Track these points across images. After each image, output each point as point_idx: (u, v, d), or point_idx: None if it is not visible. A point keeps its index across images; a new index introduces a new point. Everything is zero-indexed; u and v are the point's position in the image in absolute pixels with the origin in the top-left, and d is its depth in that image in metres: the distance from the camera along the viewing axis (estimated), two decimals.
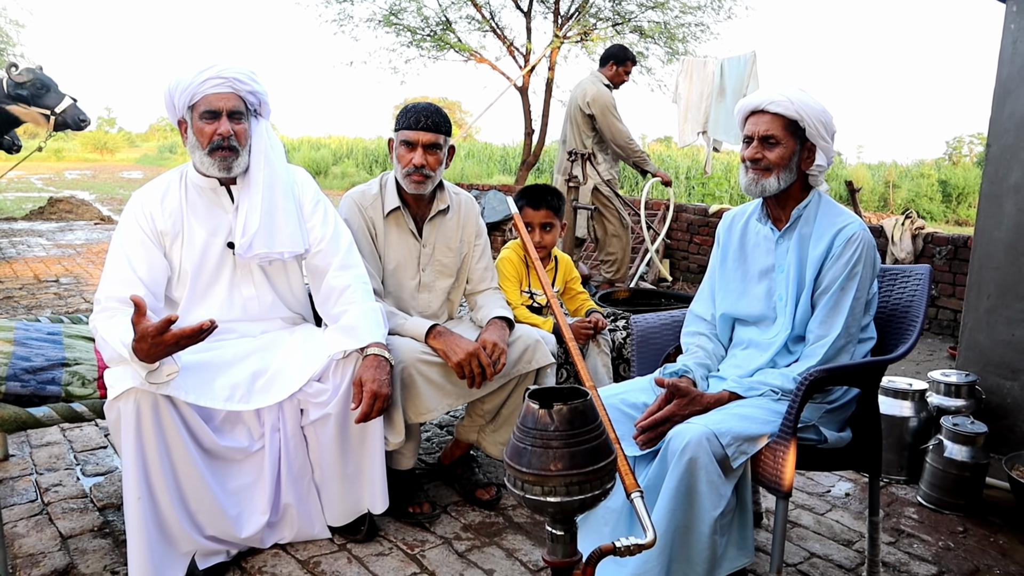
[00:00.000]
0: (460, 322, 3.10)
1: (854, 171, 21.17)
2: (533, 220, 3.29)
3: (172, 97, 2.52)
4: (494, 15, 15.07)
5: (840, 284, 2.25)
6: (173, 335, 2.07)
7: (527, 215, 3.29)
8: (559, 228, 3.35)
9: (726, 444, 2.04)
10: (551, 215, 3.29)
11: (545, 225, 3.29)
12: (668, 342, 2.73)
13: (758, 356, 2.41)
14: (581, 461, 1.47)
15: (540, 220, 3.29)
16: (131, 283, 2.40)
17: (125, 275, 2.42)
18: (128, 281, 2.41)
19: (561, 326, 2.42)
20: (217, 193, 2.60)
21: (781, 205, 2.40)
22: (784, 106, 2.27)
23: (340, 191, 20.48)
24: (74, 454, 3.37)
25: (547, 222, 3.29)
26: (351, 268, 2.67)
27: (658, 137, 52.28)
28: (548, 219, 3.28)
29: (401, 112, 2.86)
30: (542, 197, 3.30)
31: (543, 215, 3.28)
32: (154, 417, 2.22)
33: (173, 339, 2.08)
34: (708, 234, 8.09)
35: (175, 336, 2.07)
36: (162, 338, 2.07)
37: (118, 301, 2.36)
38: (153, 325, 2.05)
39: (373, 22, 15.28)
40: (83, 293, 6.73)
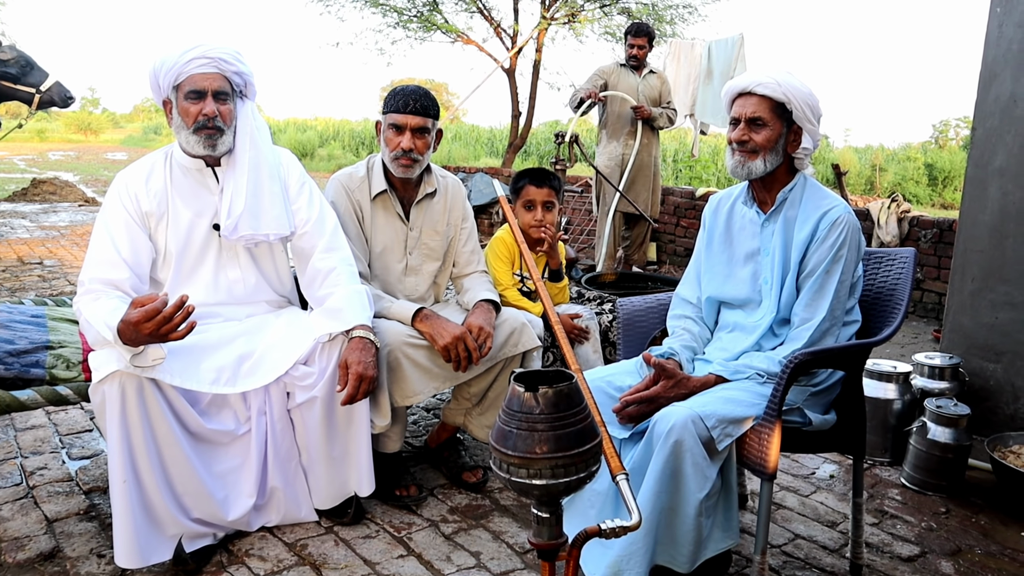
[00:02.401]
0: (446, 305, 3.10)
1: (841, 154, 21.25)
2: (536, 198, 3.26)
3: (157, 77, 2.50)
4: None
5: (825, 267, 2.26)
6: (159, 318, 2.07)
7: (529, 193, 3.26)
8: (558, 210, 3.34)
9: (711, 427, 2.05)
10: (553, 194, 3.26)
11: (547, 204, 3.26)
12: (654, 325, 2.73)
13: (743, 339, 2.41)
14: (566, 444, 1.47)
15: (543, 198, 3.25)
16: (115, 265, 2.40)
17: (109, 256, 2.41)
18: (112, 263, 2.40)
19: (548, 311, 2.42)
20: (203, 174, 2.58)
21: (767, 188, 2.40)
22: (771, 88, 2.27)
23: (326, 173, 20.39)
24: (59, 437, 3.36)
25: (549, 200, 3.26)
26: (336, 250, 2.67)
27: None
28: (550, 197, 3.26)
29: (389, 95, 2.85)
30: (544, 176, 3.28)
31: (546, 193, 3.25)
32: (139, 400, 2.21)
33: (155, 326, 2.07)
34: (695, 217, 8.09)
35: (160, 320, 2.07)
36: (154, 322, 2.06)
37: (102, 283, 2.35)
38: (167, 311, 2.07)
39: (359, 2, 15.16)
40: (67, 276, 6.69)
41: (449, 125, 26.44)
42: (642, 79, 6.52)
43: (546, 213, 3.26)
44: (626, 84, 6.48)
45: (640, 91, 6.46)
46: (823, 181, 15.40)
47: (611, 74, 6.54)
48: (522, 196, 3.27)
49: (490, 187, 9.75)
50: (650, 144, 6.60)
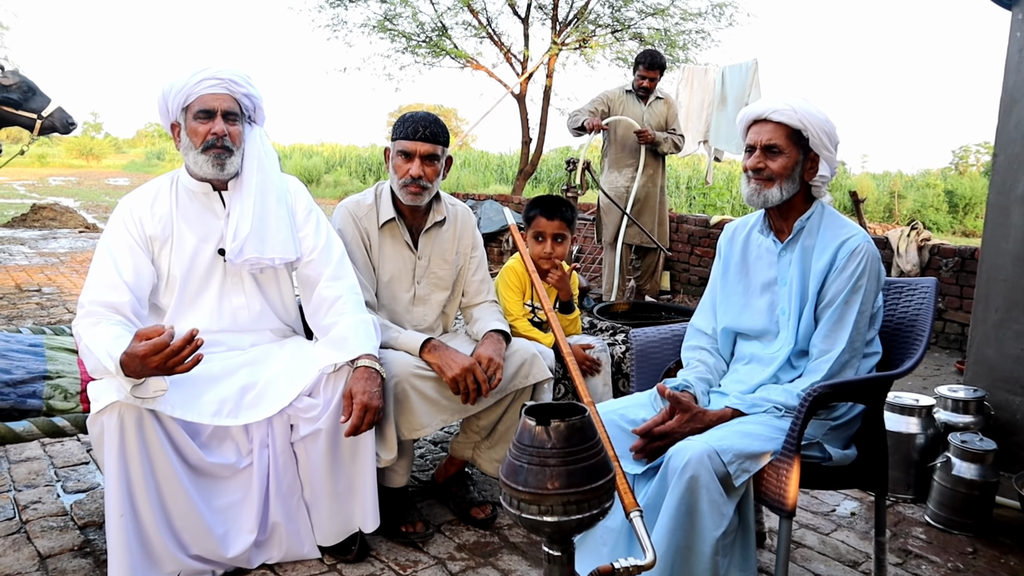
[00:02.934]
0: (455, 336, 3.10)
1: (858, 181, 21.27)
2: (546, 230, 3.21)
3: (166, 100, 2.55)
4: (491, 21, 15.12)
5: (844, 297, 2.26)
6: (168, 353, 2.08)
7: (539, 224, 3.23)
8: (570, 241, 3.31)
9: (728, 462, 2.03)
10: (564, 226, 3.23)
11: (557, 236, 3.22)
12: (668, 357, 2.73)
13: (760, 371, 2.41)
14: (579, 479, 1.46)
15: (553, 231, 3.21)
16: (117, 287, 2.42)
17: (111, 279, 2.43)
18: (114, 285, 2.42)
19: (559, 342, 2.42)
20: (209, 198, 2.61)
21: (784, 216, 2.41)
22: (787, 115, 2.27)
23: (333, 200, 20.49)
24: (55, 470, 3.36)
25: (560, 233, 3.22)
26: (343, 279, 2.67)
27: None
28: (561, 230, 3.22)
29: (398, 121, 2.87)
30: (556, 207, 3.24)
31: (556, 225, 3.21)
32: (138, 432, 2.21)
33: (163, 359, 2.09)
34: (709, 246, 8.10)
35: (168, 353, 2.08)
36: (161, 355, 2.08)
37: (103, 306, 2.37)
38: (175, 344, 2.08)
39: (367, 27, 15.31)
40: (66, 303, 6.72)
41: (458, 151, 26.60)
42: (648, 107, 6.43)
43: (556, 246, 3.22)
44: (631, 112, 6.39)
45: (646, 120, 6.38)
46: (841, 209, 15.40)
47: (616, 100, 6.45)
48: (533, 227, 3.25)
49: (500, 215, 9.79)
50: (656, 174, 6.51)
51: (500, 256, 9.59)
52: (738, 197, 16.36)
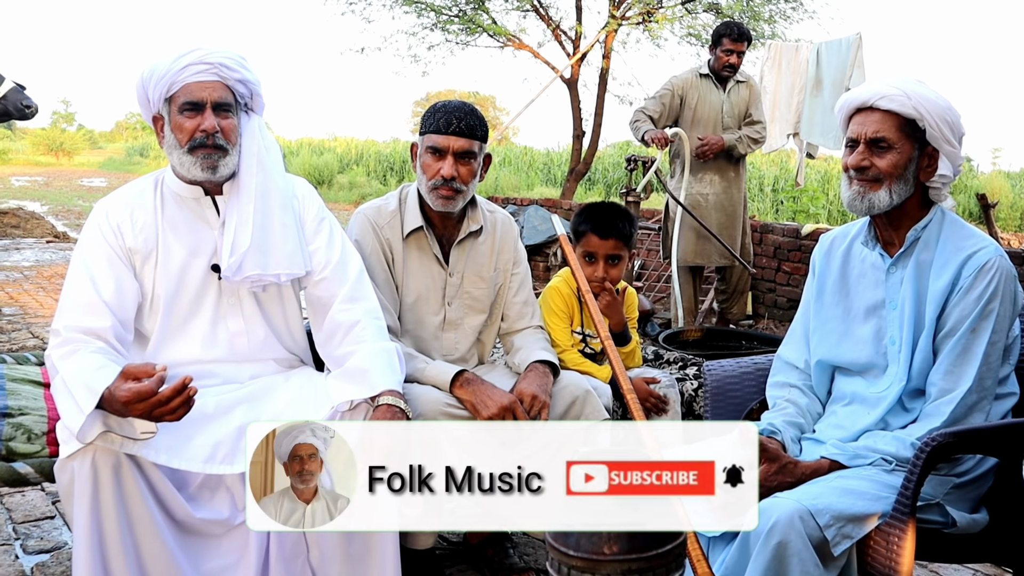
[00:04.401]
0: (493, 367, 3.11)
1: (988, 181, 20.95)
2: (598, 250, 3.17)
3: (146, 88, 2.55)
4: None
5: (970, 325, 2.23)
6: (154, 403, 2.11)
7: (590, 243, 3.18)
8: (627, 261, 3.28)
9: (824, 525, 2.01)
10: (620, 246, 3.18)
11: (612, 258, 3.17)
12: (750, 395, 2.71)
13: (865, 414, 2.39)
14: (642, 543, 1.46)
15: (607, 251, 3.17)
16: (96, 310, 2.42)
17: (89, 300, 2.43)
18: (92, 307, 2.42)
19: (618, 376, 2.41)
20: (200, 204, 2.63)
21: (894, 225, 2.39)
22: (899, 101, 2.26)
23: (348, 205, 20.69)
24: (13, 525, 3.40)
25: (615, 254, 3.17)
26: (361, 301, 2.68)
27: None
28: (617, 250, 3.17)
29: (428, 112, 2.89)
30: (611, 221, 3.17)
31: (611, 246, 3.16)
32: (115, 481, 2.23)
33: (148, 407, 2.10)
34: (800, 260, 8.03)
35: (153, 403, 2.10)
36: (146, 403, 2.10)
37: (81, 332, 2.37)
38: (163, 393, 2.10)
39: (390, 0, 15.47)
40: (31, 327, 6.83)
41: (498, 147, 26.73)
42: (727, 95, 6.36)
43: (610, 268, 3.18)
44: (709, 101, 6.28)
45: (724, 110, 6.30)
46: (965, 215, 15.20)
47: (688, 88, 6.35)
48: (582, 244, 3.21)
49: (547, 223, 9.80)
50: (738, 178, 6.46)
51: (546, 272, 9.60)
52: (836, 202, 16.22)
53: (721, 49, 6.28)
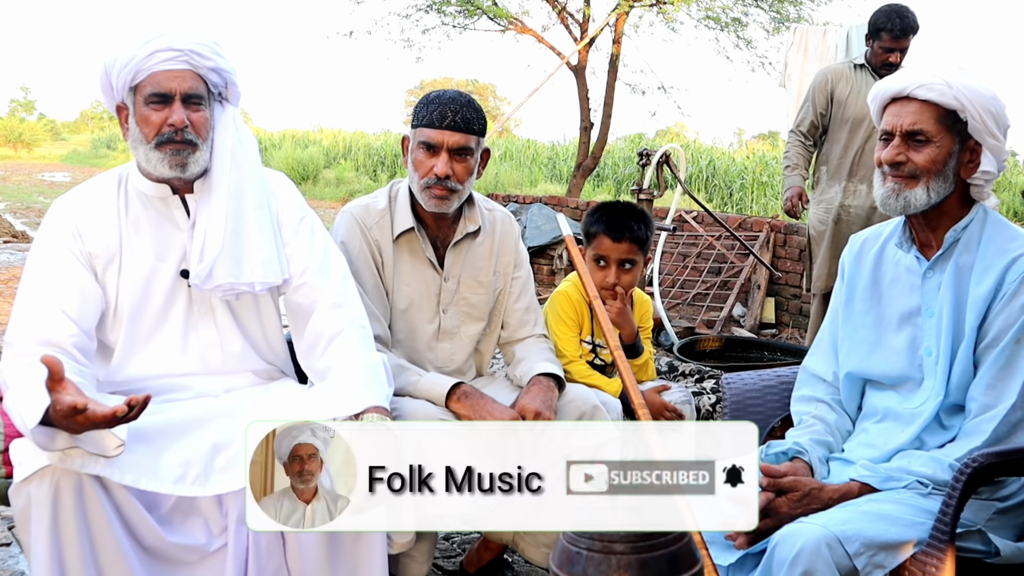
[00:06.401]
0: (492, 380, 3.11)
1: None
2: (610, 254, 3.16)
3: (109, 75, 2.54)
4: None
5: (1015, 335, 2.23)
6: (85, 418, 2.03)
7: (602, 245, 3.18)
8: (641, 266, 3.27)
9: (854, 553, 2.01)
10: (635, 249, 3.18)
11: (625, 262, 3.17)
12: (772, 411, 2.71)
13: (898, 432, 2.39)
14: (655, 572, 1.45)
15: (620, 255, 3.16)
16: (56, 319, 2.40)
17: (47, 308, 2.42)
18: (52, 316, 2.40)
19: (629, 390, 2.41)
20: (168, 204, 2.62)
21: (931, 226, 2.38)
22: (938, 90, 2.25)
23: (335, 203, 20.70)
24: None
25: (629, 258, 3.17)
26: (345, 308, 2.68)
27: (760, 133, 52.27)
28: (630, 255, 3.17)
29: (421, 103, 2.89)
30: (626, 223, 3.17)
31: (624, 249, 3.16)
32: (77, 504, 2.21)
33: (86, 422, 2.04)
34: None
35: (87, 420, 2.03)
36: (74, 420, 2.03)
37: (39, 343, 2.34)
38: (65, 404, 2.01)
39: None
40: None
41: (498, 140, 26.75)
42: None
43: (623, 273, 3.18)
44: (861, 96, 5.58)
45: None
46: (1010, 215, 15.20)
47: (839, 80, 5.79)
48: (593, 247, 3.21)
49: (552, 222, 9.81)
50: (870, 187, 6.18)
51: (551, 276, 9.61)
52: None
53: (879, 44, 5.67)
